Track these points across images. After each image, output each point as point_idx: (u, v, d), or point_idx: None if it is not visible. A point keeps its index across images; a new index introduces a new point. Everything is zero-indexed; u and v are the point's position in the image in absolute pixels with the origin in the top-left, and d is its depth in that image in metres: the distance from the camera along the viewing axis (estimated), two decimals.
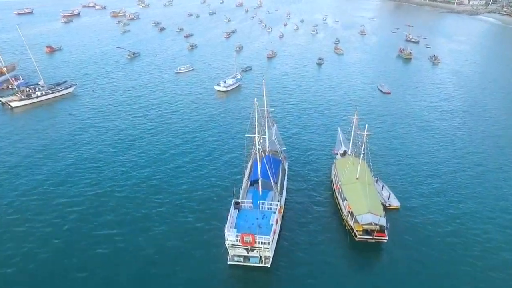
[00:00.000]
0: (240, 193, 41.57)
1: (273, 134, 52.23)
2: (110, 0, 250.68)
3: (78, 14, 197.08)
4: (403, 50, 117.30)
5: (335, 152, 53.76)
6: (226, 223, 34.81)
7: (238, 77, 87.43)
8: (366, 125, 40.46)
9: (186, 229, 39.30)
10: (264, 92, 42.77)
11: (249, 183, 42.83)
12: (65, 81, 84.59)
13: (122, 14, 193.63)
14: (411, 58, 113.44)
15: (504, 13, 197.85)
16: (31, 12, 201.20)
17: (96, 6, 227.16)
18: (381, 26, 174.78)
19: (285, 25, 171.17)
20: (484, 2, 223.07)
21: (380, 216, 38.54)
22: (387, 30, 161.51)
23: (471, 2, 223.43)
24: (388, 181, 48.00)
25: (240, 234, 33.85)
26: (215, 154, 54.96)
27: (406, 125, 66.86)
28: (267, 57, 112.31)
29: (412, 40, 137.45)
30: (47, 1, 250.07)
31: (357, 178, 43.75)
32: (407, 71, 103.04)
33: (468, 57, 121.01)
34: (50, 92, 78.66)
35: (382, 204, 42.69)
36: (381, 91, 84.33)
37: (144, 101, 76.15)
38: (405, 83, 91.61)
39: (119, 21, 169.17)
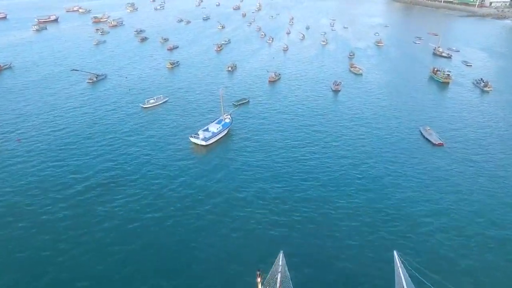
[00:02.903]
0: None
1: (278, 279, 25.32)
2: (97, 4, 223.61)
3: (56, 20, 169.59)
4: (438, 70, 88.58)
5: None
6: None
7: (227, 120, 59.63)
8: None
9: None
10: None
11: None
12: None
13: (105, 19, 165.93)
14: (449, 82, 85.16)
15: None
16: (4, 18, 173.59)
17: (80, 10, 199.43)
18: (398, 35, 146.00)
19: (288, 33, 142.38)
20: (508, 3, 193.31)
21: None
22: (407, 40, 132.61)
23: (493, 4, 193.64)
24: None
25: None
26: None
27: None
28: (269, 82, 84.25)
29: (443, 54, 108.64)
30: (28, 5, 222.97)
31: None
32: (450, 103, 74.67)
33: None
34: None
35: None
36: (429, 140, 56.34)
37: (80, 166, 48.28)
38: (457, 125, 63.31)
39: (97, 29, 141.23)
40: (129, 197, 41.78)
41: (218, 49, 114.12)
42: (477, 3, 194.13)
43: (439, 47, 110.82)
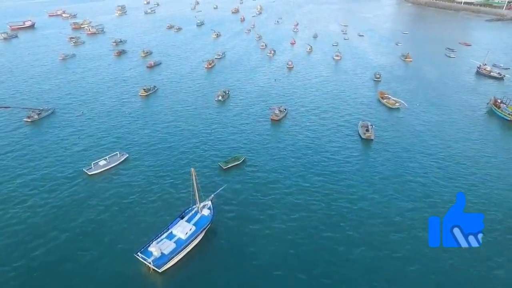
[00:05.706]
0: None
1: None
2: (85, 7, 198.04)
3: (32, 26, 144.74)
4: (501, 103, 62.80)
5: None
6: None
7: (205, 213, 34.61)
8: None
9: None
10: None
11: None
12: None
13: (86, 25, 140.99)
14: None
15: None
16: None
17: (64, 15, 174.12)
18: (423, 45, 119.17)
19: (292, 43, 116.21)
20: None
21: None
22: (437, 53, 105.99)
23: None
24: None
25: None
26: None
27: None
28: (271, 120, 59.13)
29: (492, 74, 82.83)
30: (8, 9, 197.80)
31: None
32: None
33: None
34: None
35: None
36: None
37: None
38: None
39: (71, 38, 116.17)
40: None
41: (209, 66, 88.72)
42: (505, 5, 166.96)
43: (485, 64, 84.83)
